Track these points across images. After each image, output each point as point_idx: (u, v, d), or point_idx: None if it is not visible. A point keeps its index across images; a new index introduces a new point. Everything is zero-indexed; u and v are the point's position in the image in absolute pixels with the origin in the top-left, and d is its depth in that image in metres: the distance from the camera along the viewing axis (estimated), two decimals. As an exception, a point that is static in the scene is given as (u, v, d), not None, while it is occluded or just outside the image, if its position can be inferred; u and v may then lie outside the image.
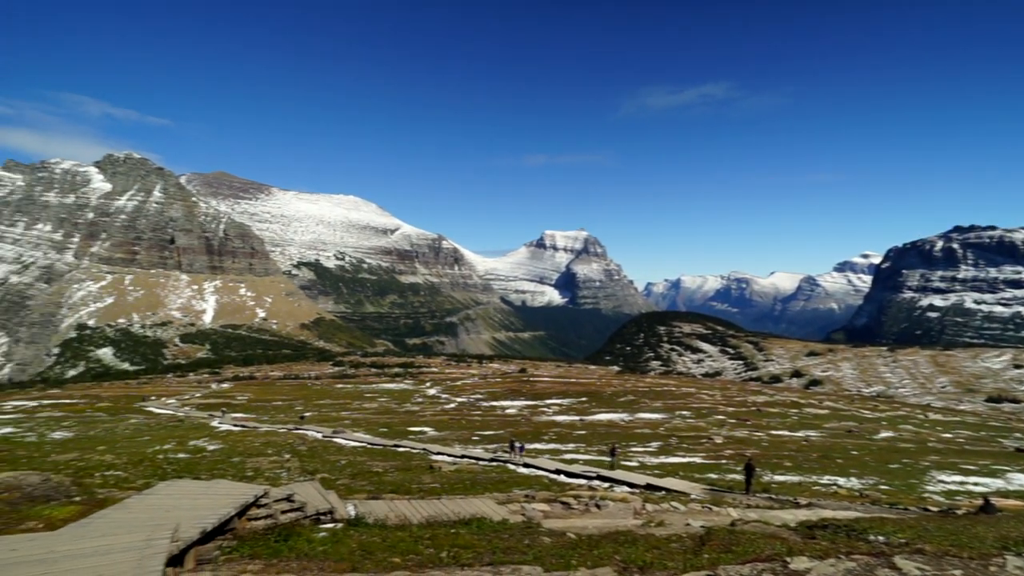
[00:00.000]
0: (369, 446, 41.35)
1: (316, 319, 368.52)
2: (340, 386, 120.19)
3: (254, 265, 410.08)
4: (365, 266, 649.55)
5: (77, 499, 14.99)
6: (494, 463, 33.20)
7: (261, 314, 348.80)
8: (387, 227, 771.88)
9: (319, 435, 47.74)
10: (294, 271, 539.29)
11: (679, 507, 18.77)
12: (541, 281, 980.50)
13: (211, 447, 40.59)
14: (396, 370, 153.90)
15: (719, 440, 51.38)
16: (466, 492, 19.60)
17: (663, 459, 40.80)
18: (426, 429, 55.87)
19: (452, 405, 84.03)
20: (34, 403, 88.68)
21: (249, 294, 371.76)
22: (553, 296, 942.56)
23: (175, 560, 7.20)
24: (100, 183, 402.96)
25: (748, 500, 21.91)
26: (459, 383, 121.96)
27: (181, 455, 36.49)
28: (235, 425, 57.85)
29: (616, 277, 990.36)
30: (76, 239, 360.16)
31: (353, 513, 11.65)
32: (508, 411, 76.24)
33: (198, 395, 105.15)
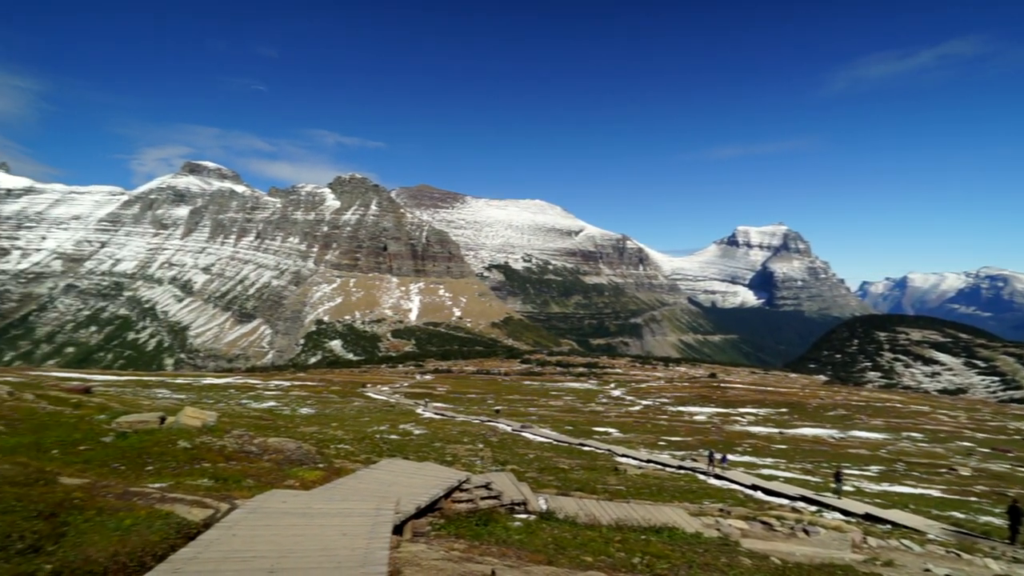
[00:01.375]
0: (555, 443, 42.55)
1: (505, 318, 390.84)
2: (527, 383, 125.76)
3: (451, 268, 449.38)
4: (551, 268, 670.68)
5: (321, 466, 17.80)
6: (682, 471, 31.85)
7: (457, 313, 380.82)
8: (571, 229, 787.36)
9: (508, 428, 50.46)
10: (486, 273, 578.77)
11: (913, 547, 16.02)
12: (733, 281, 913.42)
13: (416, 432, 45.44)
14: (580, 370, 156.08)
15: (966, 472, 42.65)
16: (653, 498, 19.13)
17: (886, 487, 35.19)
18: (610, 430, 55.71)
19: (637, 408, 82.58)
20: (288, 383, 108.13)
21: (447, 295, 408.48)
22: (747, 297, 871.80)
23: (397, 529, 8.28)
24: (332, 201, 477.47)
25: (1015, 552, 17.80)
26: (644, 385, 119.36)
27: (393, 436, 41.47)
28: (436, 414, 63.93)
29: (823, 276, 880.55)
30: (315, 249, 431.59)
31: (544, 507, 12.16)
32: (696, 417, 72.49)
33: (406, 384, 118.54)
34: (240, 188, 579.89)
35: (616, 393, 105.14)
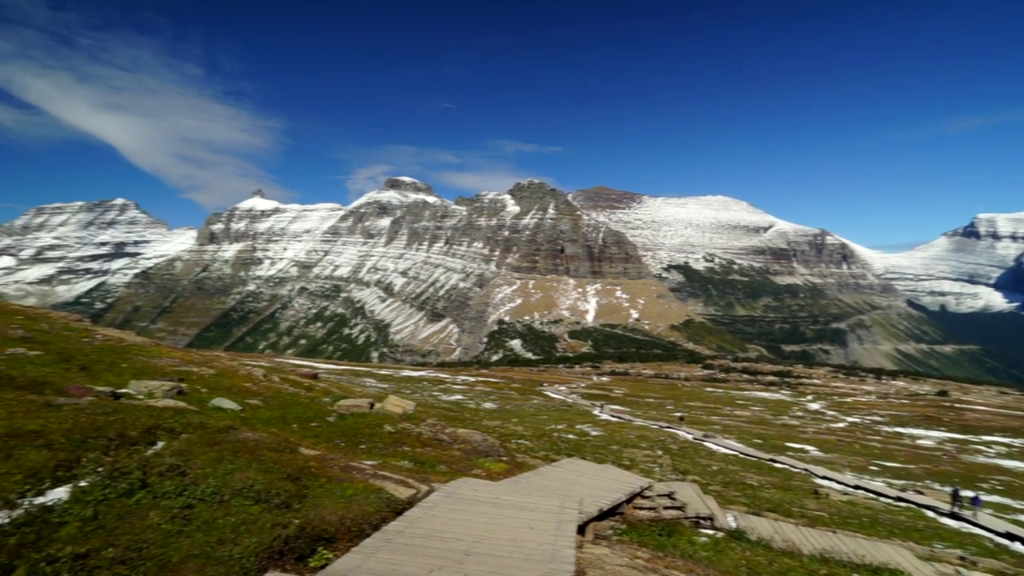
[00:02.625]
0: (741, 455, 39.46)
1: (685, 321, 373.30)
2: (710, 390, 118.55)
3: (628, 269, 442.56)
4: (736, 267, 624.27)
5: (504, 459, 18.69)
6: (902, 503, 27.28)
7: (634, 315, 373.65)
8: (759, 225, 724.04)
9: (689, 436, 48.06)
10: (664, 274, 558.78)
11: None
12: (971, 280, 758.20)
13: (593, 433, 45.54)
14: (771, 378, 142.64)
15: None
16: (864, 531, 16.66)
17: None
18: (807, 447, 49.95)
19: (840, 425, 72.86)
20: (472, 379, 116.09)
21: (624, 296, 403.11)
22: (992, 299, 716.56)
23: (579, 529, 8.36)
24: (512, 207, 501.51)
25: None
26: (849, 400, 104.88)
27: (570, 436, 42.11)
28: (612, 416, 63.38)
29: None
30: (497, 252, 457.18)
31: (734, 525, 11.31)
32: (920, 442, 61.56)
33: (582, 385, 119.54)
34: (432, 199, 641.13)
35: (814, 406, 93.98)
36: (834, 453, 48.08)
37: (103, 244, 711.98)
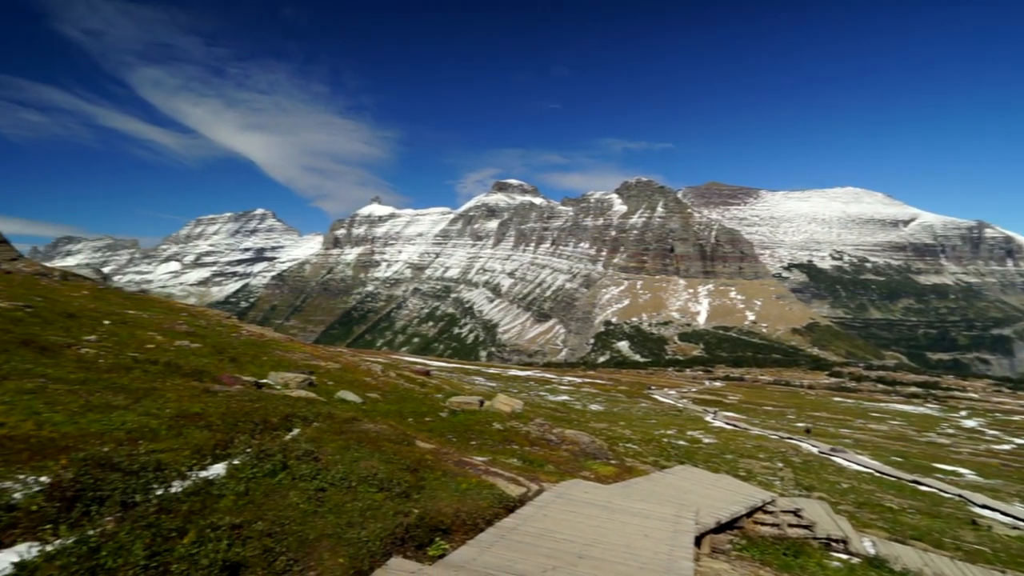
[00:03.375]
0: (877, 474, 35.70)
1: (809, 324, 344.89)
2: (838, 399, 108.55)
3: (743, 269, 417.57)
4: (868, 265, 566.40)
5: (613, 462, 18.38)
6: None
7: (750, 317, 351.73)
8: (898, 218, 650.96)
9: (814, 449, 44.33)
10: (784, 273, 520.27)
11: None
12: None
13: (705, 440, 43.44)
14: (913, 389, 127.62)
15: None
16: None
17: None
18: (961, 470, 44.04)
19: (1006, 447, 63.49)
20: (579, 380, 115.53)
21: (739, 297, 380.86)
22: None
23: (695, 540, 8.01)
24: (619, 206, 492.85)
25: None
26: (1016, 418, 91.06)
27: (680, 442, 40.49)
28: (726, 423, 60.07)
29: None
30: (603, 253, 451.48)
31: (872, 551, 10.23)
32: (1114, 472, 51.93)
33: (693, 390, 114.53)
34: (538, 200, 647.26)
35: (969, 424, 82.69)
36: (997, 479, 41.99)
37: (247, 250, 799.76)
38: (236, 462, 7.42)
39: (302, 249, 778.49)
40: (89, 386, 11.76)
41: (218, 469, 7.16)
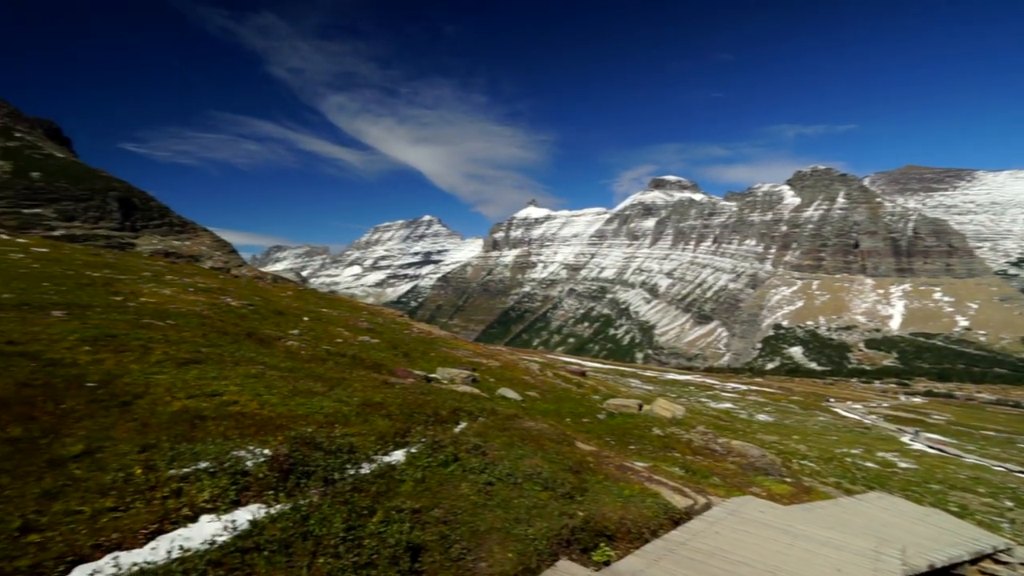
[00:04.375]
0: None
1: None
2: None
3: (952, 265, 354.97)
4: None
5: (788, 480, 16.75)
6: None
7: (962, 322, 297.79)
8: None
9: (1059, 488, 36.05)
10: (1011, 271, 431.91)
11: None
12: None
13: (902, 464, 37.69)
14: None
15: None
16: None
17: None
18: None
19: None
20: (744, 387, 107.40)
21: (945, 299, 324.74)
22: None
23: (901, 582, 6.90)
24: (791, 198, 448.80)
25: None
26: None
27: (869, 464, 35.57)
28: (929, 446, 51.57)
29: None
30: (772, 250, 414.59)
31: None
32: None
33: (884, 405, 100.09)
34: (698, 196, 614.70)
35: None
36: None
37: (416, 254, 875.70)
38: (413, 450, 8.06)
39: (464, 252, 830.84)
40: (295, 373, 13.65)
41: (398, 456, 7.83)
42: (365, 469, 6.99)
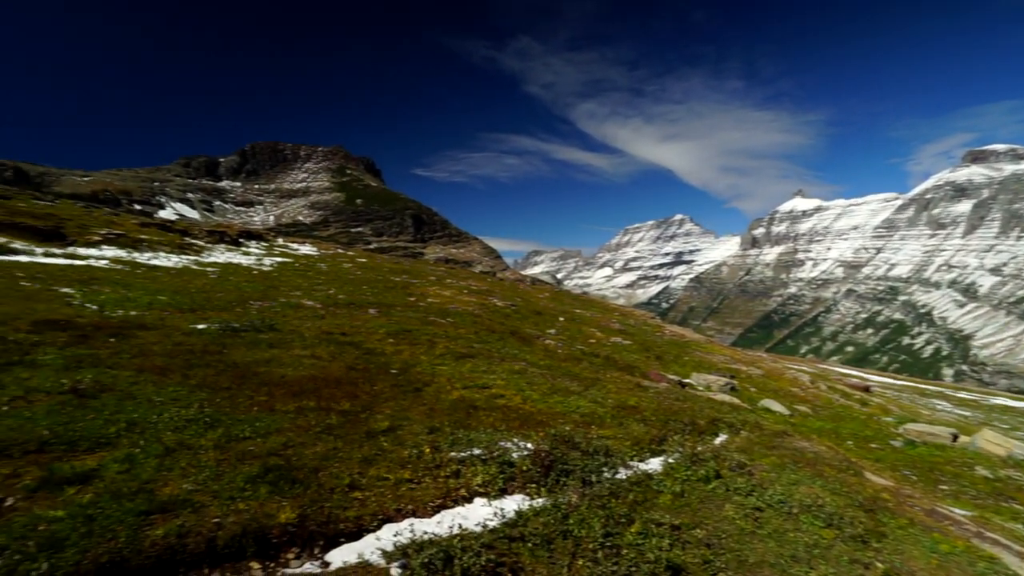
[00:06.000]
0: None
1: None
2: None
3: None
4: None
5: None
6: None
7: None
8: None
9: None
10: None
11: None
12: None
13: None
14: None
15: None
16: None
17: None
18: None
19: None
20: None
21: None
22: None
23: None
24: None
25: None
26: None
27: None
28: None
29: None
30: None
31: None
32: None
33: None
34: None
35: None
36: None
37: (667, 255, 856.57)
38: (670, 460, 7.70)
39: (718, 251, 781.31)
40: (553, 371, 14.41)
41: (655, 464, 7.56)
42: (621, 474, 6.91)
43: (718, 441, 9.85)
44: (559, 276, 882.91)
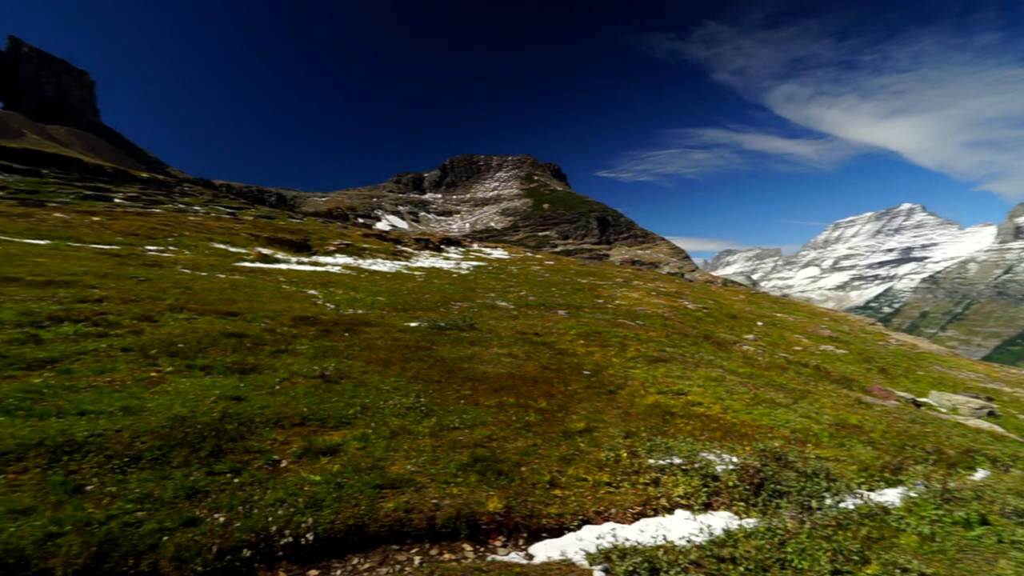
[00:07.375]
0: None
1: None
2: None
3: None
4: None
5: None
6: None
7: None
8: None
9: None
10: None
11: None
12: None
13: None
14: None
15: None
16: None
17: None
18: None
19: None
20: None
21: None
22: None
23: None
24: None
25: None
26: None
27: None
28: None
29: None
30: None
31: None
32: None
33: None
34: None
35: None
36: None
37: (890, 251, 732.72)
38: (912, 494, 6.51)
39: (963, 245, 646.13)
40: (754, 380, 13.22)
41: (891, 496, 6.46)
42: (848, 503, 6.02)
43: (977, 476, 8.09)
44: (755, 277, 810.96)
